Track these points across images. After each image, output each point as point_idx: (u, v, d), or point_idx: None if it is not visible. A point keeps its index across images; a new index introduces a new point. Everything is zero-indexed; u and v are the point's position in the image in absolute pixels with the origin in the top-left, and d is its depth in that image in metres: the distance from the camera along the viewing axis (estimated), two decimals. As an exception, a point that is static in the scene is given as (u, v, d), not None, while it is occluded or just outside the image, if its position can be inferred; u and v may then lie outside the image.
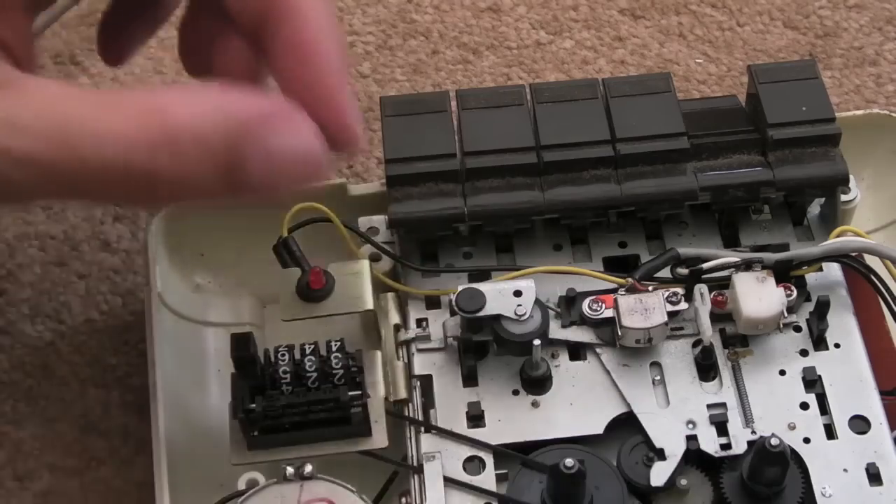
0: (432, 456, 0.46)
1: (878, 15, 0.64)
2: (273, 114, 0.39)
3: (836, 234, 0.50)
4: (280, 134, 0.39)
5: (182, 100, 0.39)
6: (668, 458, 0.46)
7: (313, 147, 0.40)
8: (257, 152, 0.39)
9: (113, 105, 0.38)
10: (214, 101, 0.39)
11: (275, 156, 0.39)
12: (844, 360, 0.48)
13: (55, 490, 0.52)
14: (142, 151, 0.38)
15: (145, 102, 0.39)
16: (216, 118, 0.38)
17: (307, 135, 0.40)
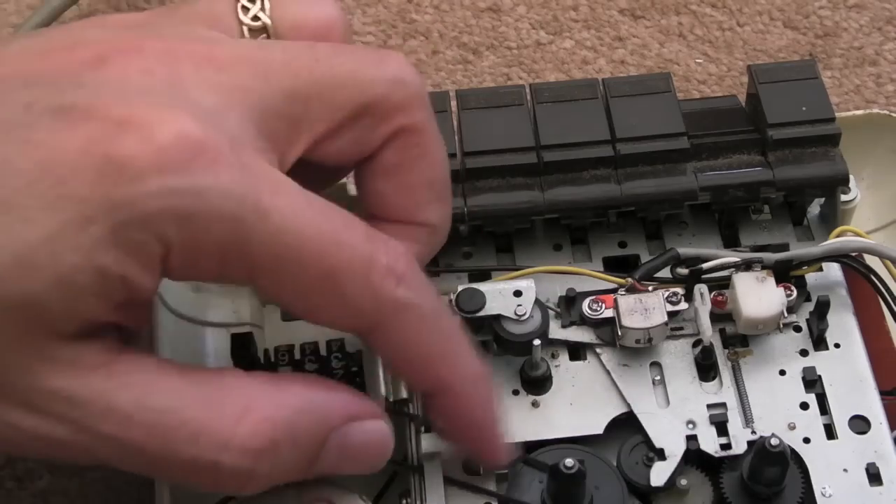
0: (432, 456, 0.46)
1: (878, 15, 0.64)
2: (357, 414, 0.41)
3: (835, 234, 0.50)
4: (359, 431, 0.41)
5: (283, 400, 0.40)
6: (668, 458, 0.46)
7: (385, 440, 0.42)
8: (334, 448, 0.41)
9: (213, 400, 0.39)
10: (309, 400, 0.40)
11: (350, 450, 0.41)
12: (844, 360, 0.48)
13: (55, 490, 0.52)
14: (241, 457, 0.38)
15: (249, 404, 0.39)
16: (311, 419, 0.40)
17: (381, 429, 0.42)
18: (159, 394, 0.38)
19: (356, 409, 0.41)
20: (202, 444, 0.38)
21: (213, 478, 0.39)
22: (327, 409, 0.41)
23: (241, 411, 0.39)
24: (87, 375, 0.38)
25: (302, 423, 0.40)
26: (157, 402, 0.38)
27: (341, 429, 0.41)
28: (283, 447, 0.39)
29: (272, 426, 0.39)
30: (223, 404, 0.39)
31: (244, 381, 0.40)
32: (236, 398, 0.39)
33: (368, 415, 0.42)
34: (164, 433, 0.38)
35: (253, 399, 0.39)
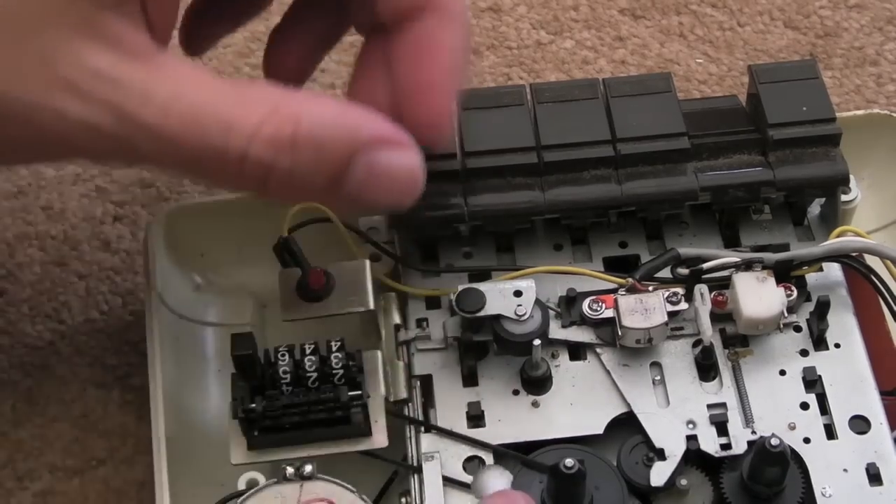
0: (432, 456, 0.46)
1: (878, 15, 0.64)
2: (389, 138, 0.41)
3: (836, 234, 0.50)
4: (389, 155, 0.41)
5: (312, 107, 0.40)
6: (668, 458, 0.46)
7: (415, 172, 0.42)
8: (362, 167, 0.41)
9: (245, 98, 0.40)
10: (340, 113, 0.41)
11: (378, 173, 0.41)
12: (844, 360, 0.48)
13: (55, 490, 0.52)
14: (266, 148, 0.39)
15: (278, 102, 0.40)
16: (339, 131, 0.40)
17: (412, 159, 0.42)
18: (196, 88, 0.39)
19: (388, 134, 0.41)
20: (233, 134, 0.39)
21: (239, 169, 0.39)
22: (357, 124, 0.41)
23: (271, 109, 0.39)
24: (130, 60, 0.38)
25: (328, 130, 0.40)
26: (194, 95, 0.39)
27: (370, 150, 0.41)
28: (306, 146, 0.40)
29: (296, 122, 0.39)
30: (255, 101, 0.40)
31: (278, 88, 0.41)
32: (268, 97, 0.40)
33: (401, 143, 0.42)
34: (198, 123, 0.39)
35: (283, 100, 0.40)
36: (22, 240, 0.58)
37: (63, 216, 0.58)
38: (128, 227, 0.58)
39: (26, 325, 0.56)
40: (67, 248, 0.58)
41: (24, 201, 0.59)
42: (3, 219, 0.58)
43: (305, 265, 0.49)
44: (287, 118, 0.40)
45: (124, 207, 0.58)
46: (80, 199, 0.59)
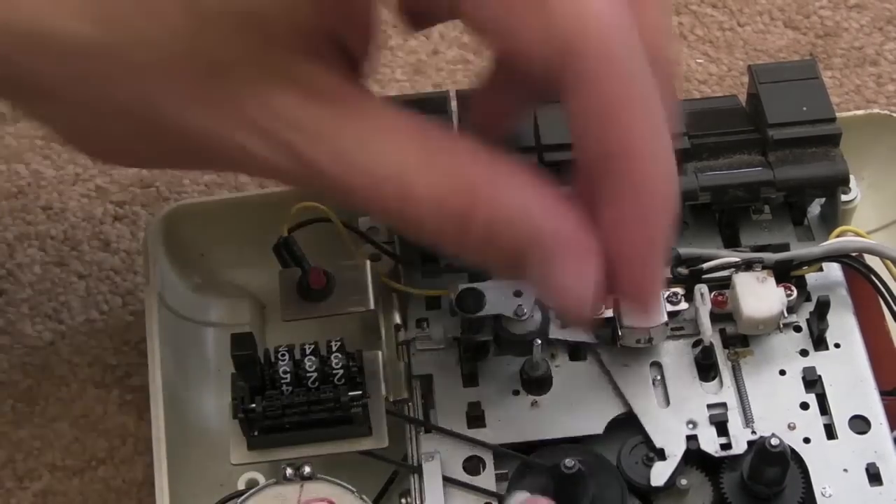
0: (432, 456, 0.46)
1: (878, 15, 0.64)
2: (567, 243, 0.38)
3: (836, 234, 0.50)
4: (563, 267, 0.38)
5: (499, 190, 0.38)
6: (668, 458, 0.46)
7: (584, 298, 0.39)
8: (534, 270, 0.38)
9: (432, 163, 0.38)
10: (526, 206, 0.38)
11: (547, 283, 0.39)
12: (844, 361, 0.48)
13: (55, 490, 0.52)
14: (438, 223, 0.38)
15: (464, 176, 0.38)
16: (517, 227, 0.38)
17: (585, 283, 0.38)
18: (383, 140, 0.38)
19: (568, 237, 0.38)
20: (409, 205, 0.38)
21: (413, 231, 0.39)
22: (539, 226, 0.38)
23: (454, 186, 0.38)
24: (318, 104, 0.38)
25: (505, 224, 0.38)
26: (378, 148, 0.38)
27: (544, 257, 0.38)
28: (477, 234, 0.38)
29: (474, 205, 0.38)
30: (440, 170, 0.38)
31: (468, 155, 0.39)
32: (454, 168, 0.38)
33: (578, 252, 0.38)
34: (376, 184, 0.38)
35: (470, 175, 0.38)
36: (22, 240, 0.58)
37: (63, 216, 0.58)
38: (128, 227, 0.58)
39: (26, 325, 0.56)
40: (67, 248, 0.58)
41: (23, 201, 0.59)
42: (3, 219, 0.58)
43: (305, 265, 0.49)
44: (467, 198, 0.38)
45: (124, 207, 0.58)
46: (80, 199, 0.59)
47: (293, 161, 0.38)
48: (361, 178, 0.38)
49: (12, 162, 0.60)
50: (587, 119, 0.37)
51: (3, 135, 0.61)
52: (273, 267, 0.50)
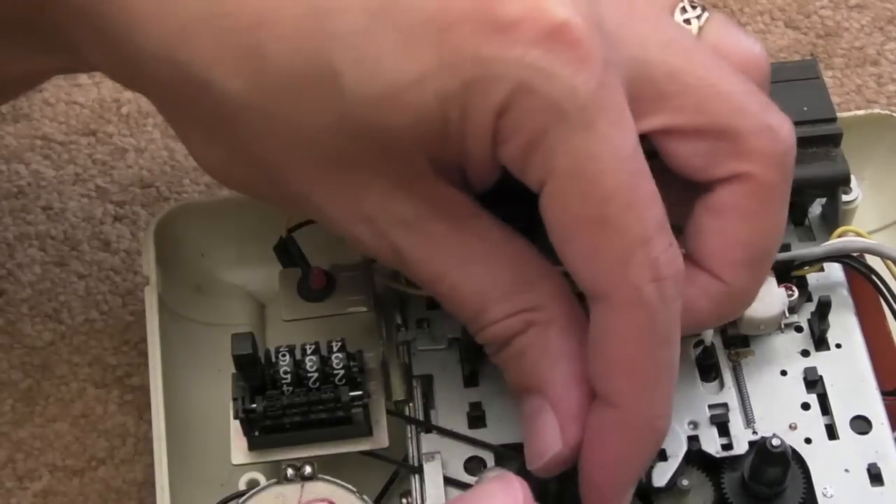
0: (433, 456, 0.46)
1: (879, 15, 0.64)
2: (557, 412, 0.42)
3: (837, 235, 0.50)
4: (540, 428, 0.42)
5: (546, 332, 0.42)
6: (669, 459, 0.46)
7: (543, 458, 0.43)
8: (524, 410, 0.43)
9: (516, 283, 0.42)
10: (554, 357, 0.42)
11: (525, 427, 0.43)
12: (846, 361, 0.48)
13: (55, 490, 0.52)
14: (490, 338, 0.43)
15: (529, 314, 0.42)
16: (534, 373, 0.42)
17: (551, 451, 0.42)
18: (477, 261, 0.42)
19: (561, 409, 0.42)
20: (477, 319, 0.42)
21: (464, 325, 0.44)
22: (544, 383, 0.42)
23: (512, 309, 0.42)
24: (430, 217, 0.41)
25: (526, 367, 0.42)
26: (471, 270, 0.42)
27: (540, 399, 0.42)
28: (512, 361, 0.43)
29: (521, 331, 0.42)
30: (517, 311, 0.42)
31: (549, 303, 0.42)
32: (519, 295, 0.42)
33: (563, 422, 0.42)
34: (459, 298, 0.42)
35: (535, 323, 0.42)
36: (22, 240, 0.58)
37: (63, 216, 0.58)
38: (128, 228, 0.58)
39: (26, 325, 0.56)
40: (67, 248, 0.58)
41: (23, 201, 0.59)
42: (3, 219, 0.58)
43: (306, 265, 0.49)
44: (522, 322, 0.42)
45: (124, 207, 0.58)
46: (80, 200, 0.59)
47: (395, 257, 0.42)
48: (449, 292, 0.42)
49: (12, 162, 0.60)
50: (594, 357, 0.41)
51: (3, 135, 0.61)
52: (273, 267, 0.50)
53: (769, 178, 0.41)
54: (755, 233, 0.42)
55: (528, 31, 0.37)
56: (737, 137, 0.41)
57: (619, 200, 0.38)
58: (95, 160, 0.60)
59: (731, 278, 0.42)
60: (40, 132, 0.61)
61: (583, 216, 0.39)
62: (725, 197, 0.42)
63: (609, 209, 0.38)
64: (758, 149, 0.41)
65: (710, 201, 0.42)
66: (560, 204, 0.39)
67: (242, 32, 0.39)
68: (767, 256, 0.43)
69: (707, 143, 0.41)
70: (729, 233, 0.42)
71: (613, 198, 0.38)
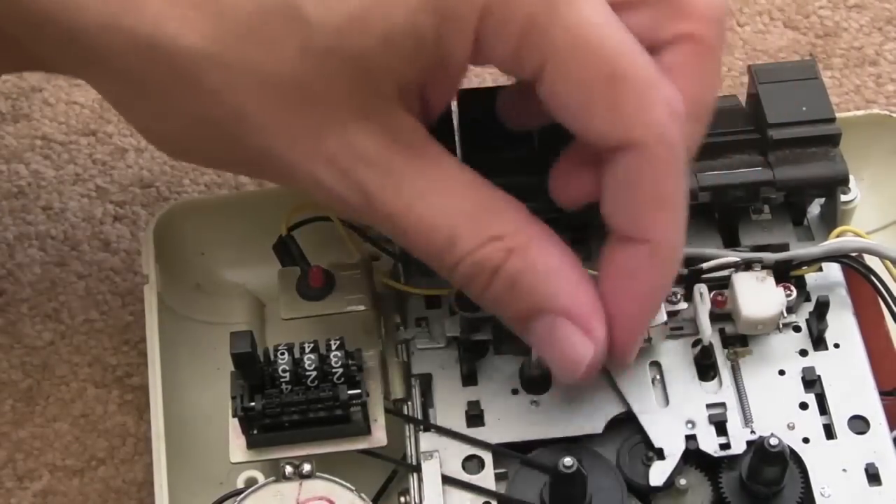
0: (431, 455, 0.46)
1: (878, 15, 0.64)
2: (578, 319, 0.43)
3: (835, 235, 0.50)
4: (567, 334, 0.43)
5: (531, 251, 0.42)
6: (667, 458, 0.46)
7: (578, 361, 0.43)
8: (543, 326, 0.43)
9: (481, 216, 0.42)
10: (550, 272, 0.43)
11: (552, 341, 0.43)
12: (844, 361, 0.48)
13: (55, 490, 0.52)
14: (469, 269, 0.42)
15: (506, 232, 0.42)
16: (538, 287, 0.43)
17: (582, 350, 0.43)
18: (443, 190, 0.42)
19: (579, 315, 0.43)
20: (452, 251, 0.42)
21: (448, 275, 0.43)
22: (557, 291, 0.43)
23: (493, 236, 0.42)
24: (395, 149, 0.41)
25: (529, 280, 0.42)
26: (437, 197, 0.42)
27: (555, 318, 0.43)
28: (501, 284, 0.43)
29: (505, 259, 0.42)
30: (486, 222, 0.42)
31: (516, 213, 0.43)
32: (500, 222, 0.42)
33: (587, 330, 0.43)
34: (429, 229, 0.42)
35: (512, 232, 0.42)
36: (22, 240, 0.58)
37: (63, 216, 0.58)
38: (128, 227, 0.58)
39: (26, 325, 0.56)
40: (67, 248, 0.58)
41: (23, 201, 0.59)
42: (3, 219, 0.58)
43: (305, 264, 0.49)
44: (501, 251, 0.42)
45: (124, 207, 0.58)
46: (80, 199, 0.59)
47: (360, 197, 0.41)
48: (416, 223, 0.42)
49: (12, 162, 0.60)
50: (622, 202, 0.42)
51: (4, 135, 0.61)
52: (273, 265, 0.50)
53: (709, 38, 0.44)
54: (699, 87, 0.44)
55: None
56: (678, 1, 0.43)
57: (625, 54, 0.40)
58: (95, 160, 0.60)
59: None
60: (40, 132, 0.61)
61: (595, 77, 0.40)
62: (672, 56, 0.43)
63: (620, 63, 0.40)
64: (697, 11, 0.43)
65: (657, 61, 0.43)
66: (569, 76, 0.40)
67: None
68: (708, 109, 0.45)
69: (652, 11, 0.43)
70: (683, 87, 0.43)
71: (620, 53, 0.40)
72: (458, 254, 0.42)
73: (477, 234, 0.42)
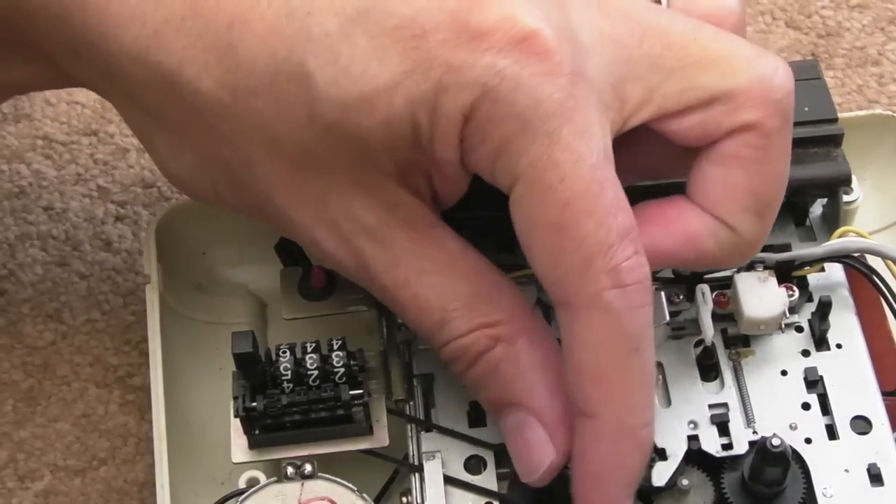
0: (433, 455, 0.46)
1: (880, 15, 0.64)
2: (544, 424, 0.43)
3: (838, 235, 0.50)
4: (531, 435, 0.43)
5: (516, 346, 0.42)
6: (669, 458, 0.46)
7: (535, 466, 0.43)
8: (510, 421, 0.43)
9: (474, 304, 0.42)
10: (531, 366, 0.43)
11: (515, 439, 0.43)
12: (846, 361, 0.48)
13: (56, 490, 0.52)
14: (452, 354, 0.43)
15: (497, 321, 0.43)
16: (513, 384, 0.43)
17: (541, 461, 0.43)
18: (441, 273, 0.42)
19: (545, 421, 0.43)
20: (439, 334, 0.43)
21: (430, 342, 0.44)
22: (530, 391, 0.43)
23: (480, 325, 0.42)
24: (395, 225, 0.42)
25: (504, 376, 0.42)
26: (434, 281, 0.42)
27: (523, 419, 0.43)
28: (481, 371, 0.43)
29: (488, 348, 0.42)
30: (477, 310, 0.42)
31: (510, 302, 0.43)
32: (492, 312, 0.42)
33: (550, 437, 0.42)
34: (422, 309, 0.42)
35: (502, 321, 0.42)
36: (23, 240, 0.58)
37: (64, 216, 0.58)
38: (129, 227, 0.58)
39: (27, 325, 0.56)
40: (69, 248, 0.58)
41: (25, 201, 0.59)
42: (5, 219, 0.58)
43: (307, 264, 0.49)
44: (489, 338, 0.42)
45: (126, 207, 0.58)
46: (82, 200, 0.59)
47: (357, 265, 0.42)
48: (411, 301, 0.42)
49: (13, 162, 0.60)
50: (566, 367, 0.41)
51: (5, 135, 0.61)
52: (274, 265, 0.50)
53: (769, 124, 0.42)
54: (761, 180, 0.43)
55: (500, 39, 0.38)
56: (730, 98, 0.42)
57: (578, 207, 0.39)
58: (97, 160, 0.60)
59: (740, 225, 0.43)
60: (42, 132, 0.61)
61: (543, 222, 0.39)
62: (729, 147, 0.42)
63: (568, 216, 0.39)
64: (754, 100, 0.42)
65: (713, 153, 0.42)
66: (524, 209, 0.40)
67: (216, 33, 0.40)
68: (774, 202, 0.44)
69: (702, 113, 0.42)
70: (735, 181, 0.42)
71: (572, 205, 0.39)
72: (447, 336, 0.42)
73: (468, 321, 0.42)
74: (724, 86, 0.41)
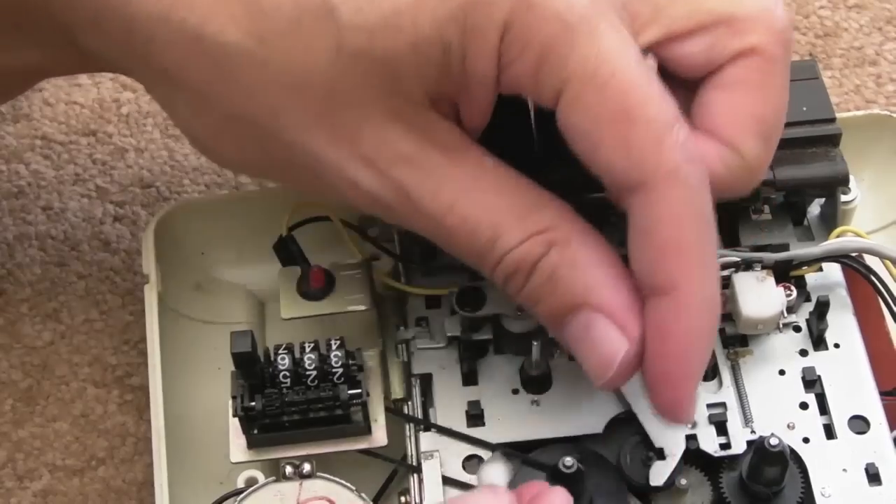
0: (431, 455, 0.46)
1: (878, 15, 0.64)
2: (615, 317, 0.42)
3: (836, 235, 0.50)
4: (604, 330, 0.42)
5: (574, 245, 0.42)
6: (667, 458, 0.46)
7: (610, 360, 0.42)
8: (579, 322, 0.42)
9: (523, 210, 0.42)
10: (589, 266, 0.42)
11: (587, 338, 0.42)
12: (844, 361, 0.48)
13: (55, 489, 0.52)
14: (511, 265, 0.42)
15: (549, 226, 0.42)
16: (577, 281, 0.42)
17: (616, 347, 0.42)
18: (485, 188, 0.42)
19: (617, 314, 0.42)
20: (495, 247, 0.42)
21: (489, 272, 0.43)
22: (594, 285, 0.42)
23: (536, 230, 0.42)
24: (432, 149, 0.41)
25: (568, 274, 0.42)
26: (480, 196, 0.42)
27: (593, 315, 0.42)
28: (540, 279, 0.42)
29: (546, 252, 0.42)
30: (529, 216, 0.42)
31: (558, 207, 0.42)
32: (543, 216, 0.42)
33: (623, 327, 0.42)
34: (472, 229, 0.42)
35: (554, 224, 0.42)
36: (22, 240, 0.58)
37: (63, 216, 0.58)
38: (128, 227, 0.58)
39: (26, 324, 0.56)
40: (67, 248, 0.58)
41: (23, 201, 0.59)
42: (3, 219, 0.58)
43: (305, 264, 0.49)
44: (542, 244, 0.42)
45: (124, 207, 0.58)
46: (80, 200, 0.59)
47: (399, 197, 0.42)
48: (459, 223, 0.42)
49: (12, 162, 0.60)
50: (643, 244, 0.41)
51: (3, 135, 0.61)
52: (273, 265, 0.50)
53: (773, 50, 0.43)
54: (765, 105, 0.44)
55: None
56: (735, 21, 0.43)
57: (638, 94, 0.40)
58: (95, 160, 0.60)
59: (746, 148, 0.43)
60: (40, 132, 0.61)
61: (608, 113, 0.40)
62: (733, 73, 0.43)
63: (632, 101, 0.40)
64: (758, 25, 0.43)
65: (718, 79, 0.43)
66: (582, 107, 0.40)
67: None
68: (776, 128, 0.44)
69: (707, 37, 0.43)
70: (740, 105, 0.43)
71: (632, 93, 0.40)
72: (501, 251, 0.42)
73: (520, 230, 0.42)
74: (729, 9, 0.43)
